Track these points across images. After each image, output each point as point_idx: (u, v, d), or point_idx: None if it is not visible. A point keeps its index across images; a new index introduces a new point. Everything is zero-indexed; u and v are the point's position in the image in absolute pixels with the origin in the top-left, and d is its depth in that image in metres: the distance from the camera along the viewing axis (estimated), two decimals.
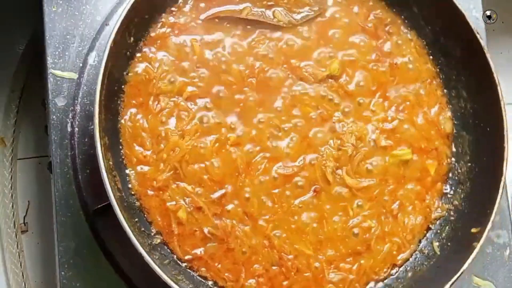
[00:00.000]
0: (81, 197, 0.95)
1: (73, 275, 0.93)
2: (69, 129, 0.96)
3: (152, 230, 0.92)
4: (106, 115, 0.87)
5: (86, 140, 0.96)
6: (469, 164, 1.00)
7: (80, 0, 0.99)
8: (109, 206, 0.83)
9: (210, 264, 0.92)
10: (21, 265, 1.22)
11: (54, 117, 0.97)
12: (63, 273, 0.93)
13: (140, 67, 0.95)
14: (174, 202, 0.92)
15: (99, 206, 0.93)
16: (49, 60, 0.98)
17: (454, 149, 1.02)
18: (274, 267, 0.93)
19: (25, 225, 1.27)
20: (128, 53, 0.93)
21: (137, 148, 0.93)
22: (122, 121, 0.93)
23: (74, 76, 0.98)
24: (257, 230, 0.93)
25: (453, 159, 1.02)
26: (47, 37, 0.98)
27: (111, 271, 0.95)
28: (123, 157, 0.92)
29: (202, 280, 0.92)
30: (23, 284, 1.22)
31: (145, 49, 0.95)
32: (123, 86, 0.93)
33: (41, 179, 1.29)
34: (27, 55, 1.29)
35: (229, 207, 0.93)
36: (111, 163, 0.88)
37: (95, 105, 0.82)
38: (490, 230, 0.90)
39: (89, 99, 0.97)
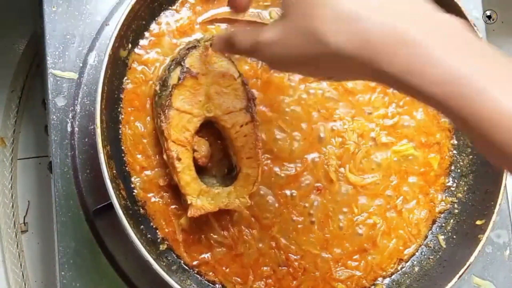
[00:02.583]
0: (81, 197, 0.95)
1: (73, 275, 0.93)
2: (69, 129, 0.96)
3: (158, 237, 0.91)
4: (107, 124, 0.86)
5: (86, 140, 0.96)
6: (471, 156, 1.00)
7: (80, 0, 0.98)
8: (109, 206, 0.83)
9: (218, 269, 0.92)
10: (21, 265, 1.22)
11: (54, 117, 0.96)
12: (63, 273, 0.93)
13: (137, 71, 0.94)
14: (176, 206, 0.92)
15: (99, 206, 0.92)
16: (49, 60, 0.96)
17: (455, 142, 1.02)
18: (281, 268, 0.93)
19: (25, 225, 1.27)
20: (126, 59, 0.92)
21: (138, 154, 0.92)
22: (123, 128, 0.92)
23: (74, 76, 0.97)
24: (264, 232, 0.93)
25: (455, 152, 1.02)
26: (47, 37, 0.97)
27: (111, 271, 0.94)
28: (126, 164, 0.92)
29: (210, 284, 0.92)
30: (23, 284, 1.22)
31: (141, 52, 0.94)
32: (122, 94, 0.93)
33: (41, 179, 1.29)
34: (27, 55, 1.29)
35: None
36: (114, 171, 0.88)
37: (96, 116, 0.81)
38: (490, 230, 0.90)
39: (89, 99, 0.97)
